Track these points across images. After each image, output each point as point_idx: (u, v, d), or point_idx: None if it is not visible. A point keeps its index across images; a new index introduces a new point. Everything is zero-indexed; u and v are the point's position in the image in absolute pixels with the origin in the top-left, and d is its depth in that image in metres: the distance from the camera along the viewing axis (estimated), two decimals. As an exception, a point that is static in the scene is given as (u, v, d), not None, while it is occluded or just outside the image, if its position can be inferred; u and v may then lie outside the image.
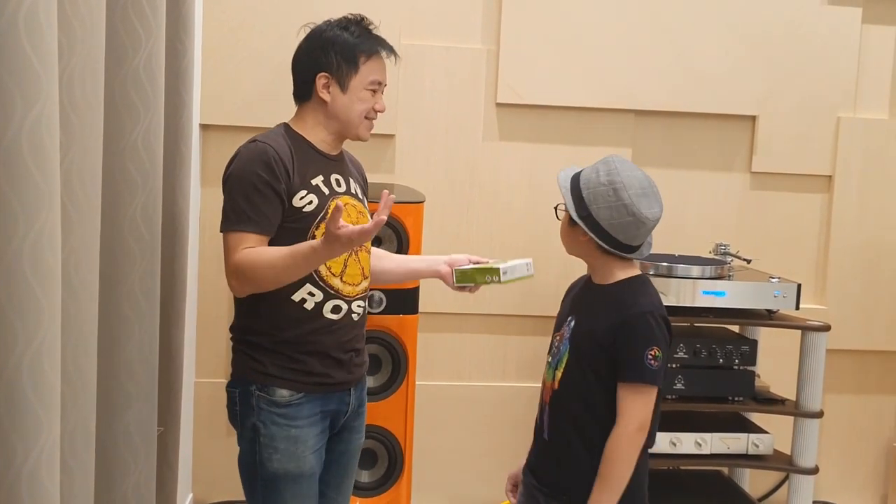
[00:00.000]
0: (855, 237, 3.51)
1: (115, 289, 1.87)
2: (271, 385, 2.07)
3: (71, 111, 1.51)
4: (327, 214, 1.99)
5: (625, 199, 1.92)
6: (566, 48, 3.31)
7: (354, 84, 2.14)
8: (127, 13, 1.79)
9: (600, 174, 1.97)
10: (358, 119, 2.16)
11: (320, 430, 2.13)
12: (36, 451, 1.30)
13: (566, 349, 2.02)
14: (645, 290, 2.00)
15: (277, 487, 2.08)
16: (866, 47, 3.47)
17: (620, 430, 1.91)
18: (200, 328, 3.32)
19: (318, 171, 2.11)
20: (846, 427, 3.62)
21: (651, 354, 1.90)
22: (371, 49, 2.17)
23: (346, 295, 2.13)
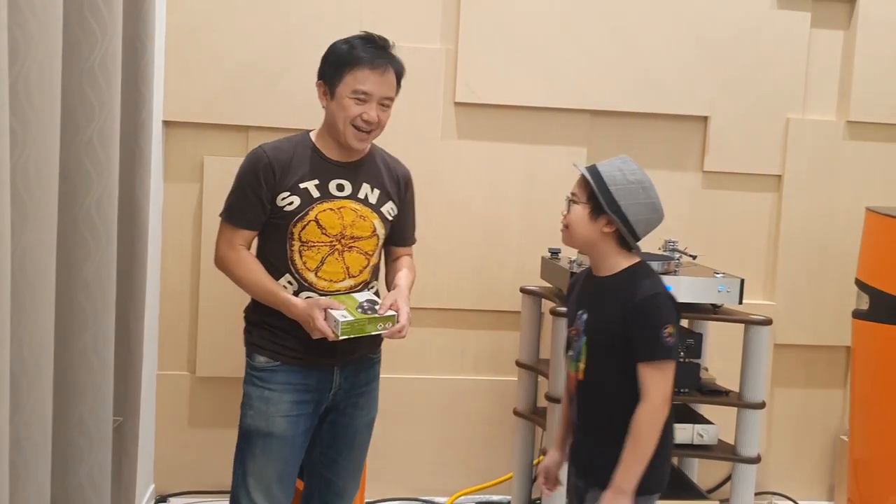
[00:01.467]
0: (803, 235, 3.62)
1: (70, 280, 1.91)
2: (254, 352, 2.39)
3: (27, 107, 1.56)
4: (307, 215, 2.30)
5: (653, 197, 2.10)
6: (523, 49, 3.39)
7: (339, 92, 2.32)
8: (83, 12, 1.84)
9: (626, 173, 2.10)
10: (342, 126, 2.33)
11: (295, 400, 2.34)
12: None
13: (583, 341, 2.13)
14: (648, 273, 2.13)
15: (250, 442, 2.37)
16: (815, 50, 3.58)
17: (647, 405, 2.02)
18: (163, 321, 3.36)
19: (315, 176, 2.33)
20: (794, 420, 3.73)
21: (666, 332, 2.02)
22: (357, 60, 2.30)
23: (321, 289, 2.32)
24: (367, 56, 2.30)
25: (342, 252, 2.34)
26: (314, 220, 2.30)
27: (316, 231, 2.30)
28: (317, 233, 2.31)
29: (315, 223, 2.30)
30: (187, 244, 3.36)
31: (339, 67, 2.32)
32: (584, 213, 2.12)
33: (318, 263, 2.32)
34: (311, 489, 2.56)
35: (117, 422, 2.39)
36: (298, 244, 2.31)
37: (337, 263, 2.34)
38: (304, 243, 2.31)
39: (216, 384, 3.39)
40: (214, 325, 3.34)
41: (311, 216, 2.30)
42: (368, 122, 2.31)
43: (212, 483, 3.42)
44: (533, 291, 3.26)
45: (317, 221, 2.30)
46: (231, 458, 3.37)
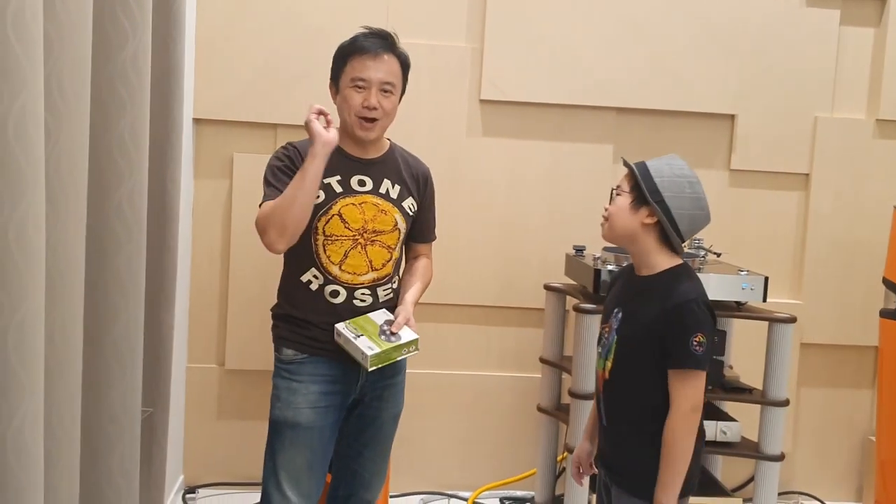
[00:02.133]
0: (830, 234, 3.59)
1: (101, 272, 1.97)
2: (281, 345, 2.43)
3: (60, 101, 1.61)
4: (331, 209, 2.34)
5: (699, 193, 2.06)
6: (549, 46, 3.40)
7: (342, 85, 2.38)
8: (115, 10, 1.89)
9: (673, 167, 2.08)
10: (349, 117, 2.37)
11: (321, 391, 2.38)
12: (20, 415, 1.40)
13: (614, 339, 2.11)
14: (688, 278, 2.07)
15: (279, 432, 2.41)
16: (844, 48, 3.55)
17: (675, 415, 2.00)
18: (192, 315, 3.42)
19: (337, 171, 2.36)
20: (822, 420, 3.71)
21: (696, 340, 1.97)
22: (353, 50, 2.36)
23: (346, 282, 2.37)
24: (364, 45, 2.35)
25: (364, 246, 2.38)
26: (337, 214, 2.35)
27: (339, 225, 2.35)
28: (340, 227, 2.35)
29: (338, 217, 2.35)
30: (217, 239, 3.42)
31: (339, 61, 2.39)
32: (626, 202, 2.08)
33: (341, 257, 2.36)
34: (337, 480, 2.59)
35: (147, 413, 2.44)
36: (323, 238, 2.35)
37: (360, 257, 2.38)
38: (328, 237, 2.35)
39: (244, 377, 3.45)
40: (243, 318, 3.40)
41: (335, 210, 2.35)
42: (369, 107, 2.33)
43: (240, 475, 3.48)
44: (557, 288, 3.28)
45: (340, 215, 2.35)
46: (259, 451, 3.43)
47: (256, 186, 3.37)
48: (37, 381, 1.45)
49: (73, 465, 1.79)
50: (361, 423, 2.50)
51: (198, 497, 3.42)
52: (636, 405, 2.08)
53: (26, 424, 1.42)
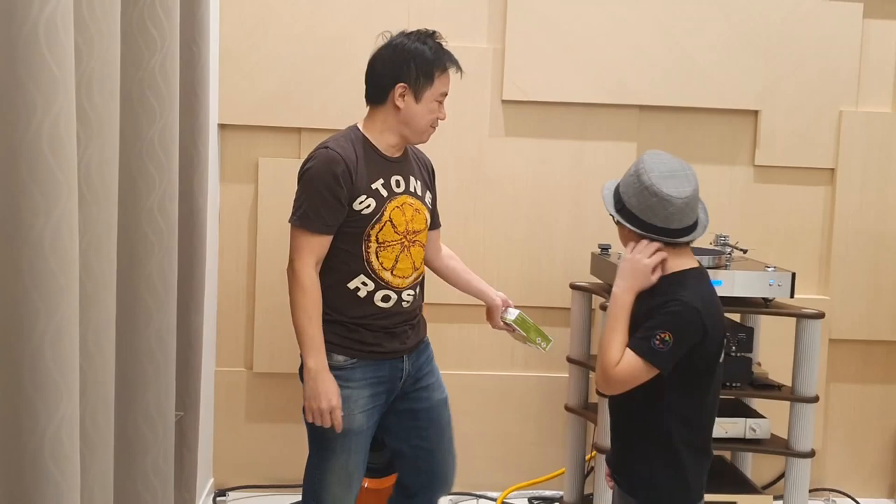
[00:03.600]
0: (857, 229, 3.57)
1: (134, 277, 2.00)
2: (331, 351, 2.36)
3: (90, 109, 1.64)
4: (382, 215, 2.34)
5: (645, 181, 1.98)
6: (570, 45, 3.41)
7: (427, 95, 2.39)
8: (142, 18, 1.92)
9: (630, 169, 2.07)
10: (425, 127, 2.42)
11: (371, 394, 2.40)
12: (58, 417, 1.43)
13: None
14: (690, 282, 2.01)
15: (329, 440, 2.38)
16: (868, 41, 3.52)
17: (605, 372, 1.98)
18: (220, 319, 3.45)
19: (380, 174, 2.37)
20: (852, 416, 3.68)
21: (661, 336, 1.92)
22: (444, 65, 2.41)
23: (396, 286, 2.40)
24: (447, 59, 2.42)
25: (409, 248, 2.42)
26: (389, 221, 2.36)
27: (390, 231, 2.36)
28: (391, 232, 2.36)
29: (389, 223, 2.36)
30: (243, 243, 3.45)
31: (429, 72, 2.37)
32: (620, 231, 2.11)
33: (393, 262, 2.38)
34: (413, 487, 2.57)
35: (178, 416, 2.46)
36: (375, 245, 2.35)
37: (407, 259, 2.41)
38: (381, 244, 2.36)
39: (272, 380, 3.47)
40: (270, 322, 3.43)
41: (386, 216, 2.36)
42: (442, 119, 2.44)
43: (269, 477, 3.51)
44: (583, 287, 3.28)
45: (391, 221, 2.36)
46: (287, 453, 3.46)
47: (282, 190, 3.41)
48: (73, 385, 1.47)
49: (107, 468, 1.81)
50: (417, 420, 2.51)
51: (228, 499, 3.45)
52: (631, 400, 2.05)
53: (63, 428, 1.44)
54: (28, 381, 1.40)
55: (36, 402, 1.41)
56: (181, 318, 2.41)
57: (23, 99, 1.34)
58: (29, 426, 1.40)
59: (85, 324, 1.64)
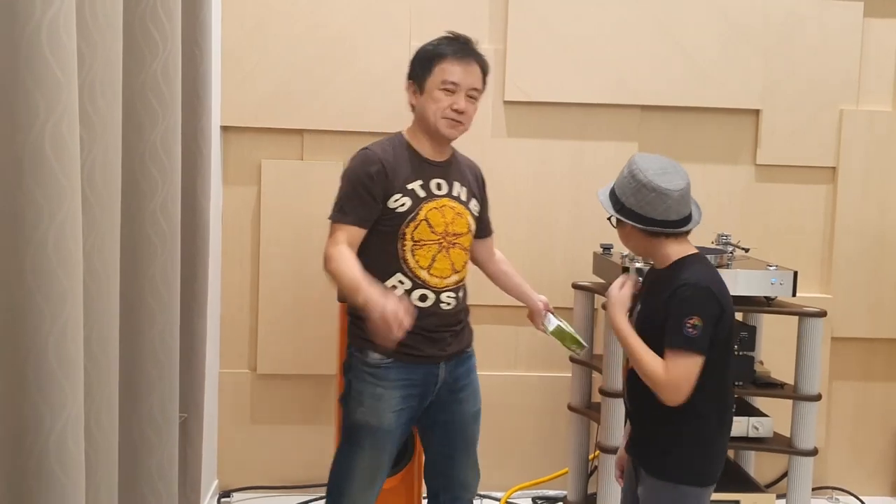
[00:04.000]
0: (859, 227, 3.57)
1: (137, 279, 2.00)
2: (367, 348, 2.40)
3: (93, 112, 1.65)
4: (418, 214, 2.37)
5: (641, 178, 2.07)
6: (571, 46, 3.41)
7: (429, 85, 2.41)
8: (144, 21, 1.93)
9: (623, 170, 2.14)
10: (434, 117, 2.40)
11: (403, 395, 2.41)
12: (62, 420, 1.44)
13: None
14: (694, 265, 2.11)
15: (359, 436, 2.43)
16: (868, 40, 3.53)
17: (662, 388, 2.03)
18: (224, 320, 3.46)
19: (418, 176, 2.40)
20: (855, 414, 3.69)
21: (690, 322, 1.99)
22: (443, 53, 2.41)
23: (434, 286, 2.41)
24: (452, 49, 2.41)
25: (448, 249, 2.43)
26: (425, 220, 2.39)
27: (426, 230, 2.39)
28: (427, 231, 2.39)
29: (426, 222, 2.39)
30: (246, 245, 3.45)
31: (427, 62, 2.42)
32: (621, 231, 2.18)
33: (429, 261, 2.40)
34: (435, 489, 2.64)
35: (182, 418, 2.47)
36: (411, 244, 2.38)
37: (445, 260, 2.42)
38: (416, 242, 2.38)
39: (276, 382, 3.48)
40: (274, 324, 3.44)
41: (422, 216, 2.38)
42: (458, 110, 2.39)
43: (273, 478, 3.51)
44: (585, 287, 3.28)
45: (427, 221, 2.39)
46: (291, 454, 3.47)
47: (285, 192, 3.42)
48: (77, 387, 1.48)
49: (112, 469, 1.82)
50: (447, 429, 2.54)
51: (232, 500, 3.46)
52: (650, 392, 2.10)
53: (69, 430, 1.45)
54: (33, 383, 1.41)
55: (40, 403, 1.41)
56: (185, 321, 2.42)
57: (26, 102, 1.35)
58: (34, 428, 1.41)
59: (89, 326, 1.65)
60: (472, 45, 2.46)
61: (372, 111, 3.38)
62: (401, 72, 3.35)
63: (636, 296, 2.24)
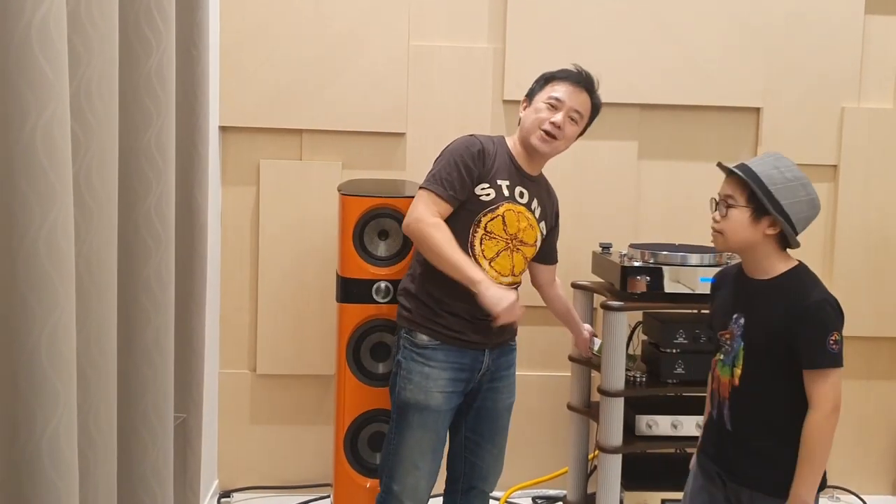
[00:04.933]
0: (861, 225, 3.56)
1: (131, 280, 1.99)
2: (415, 330, 2.51)
3: (89, 113, 1.64)
4: (498, 209, 2.47)
5: (812, 193, 2.06)
6: (571, 44, 3.40)
7: (537, 98, 2.57)
8: (138, 21, 1.92)
9: (783, 171, 2.06)
10: (531, 126, 2.52)
11: (451, 377, 2.50)
12: (55, 420, 1.43)
13: (740, 346, 2.11)
14: (813, 279, 2.09)
15: (407, 414, 2.51)
16: (870, 38, 3.52)
17: (818, 415, 2.01)
18: (223, 321, 3.46)
19: (509, 177, 2.52)
20: (856, 413, 3.67)
21: (833, 339, 2.00)
22: (560, 75, 2.58)
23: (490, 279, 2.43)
24: (569, 75, 2.56)
25: (513, 251, 2.52)
26: (502, 216, 2.48)
27: (500, 226, 2.48)
28: (500, 227, 2.48)
29: (502, 219, 2.48)
30: (246, 245, 3.45)
31: (543, 81, 2.58)
32: (745, 216, 2.07)
33: (494, 255, 2.49)
34: (455, 473, 2.70)
35: (181, 418, 2.47)
36: (482, 232, 2.48)
37: (507, 260, 2.51)
38: (487, 233, 2.48)
39: (276, 382, 3.48)
40: (273, 324, 3.43)
41: (501, 211, 2.48)
42: (554, 124, 2.48)
43: (274, 478, 3.51)
44: (584, 286, 3.27)
45: (503, 218, 2.48)
46: (291, 454, 3.48)
47: (284, 192, 3.42)
48: (70, 388, 1.48)
49: (110, 470, 1.82)
50: (479, 415, 2.62)
51: (233, 500, 3.46)
52: (769, 408, 2.08)
53: (61, 430, 1.45)
54: (25, 385, 1.40)
55: (33, 405, 1.41)
56: (183, 321, 2.41)
57: (16, 101, 1.35)
58: (26, 429, 1.41)
59: (87, 327, 1.65)
60: (591, 81, 2.58)
61: (371, 111, 3.38)
62: (401, 71, 3.37)
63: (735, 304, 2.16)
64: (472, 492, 2.68)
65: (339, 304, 2.95)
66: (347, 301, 2.91)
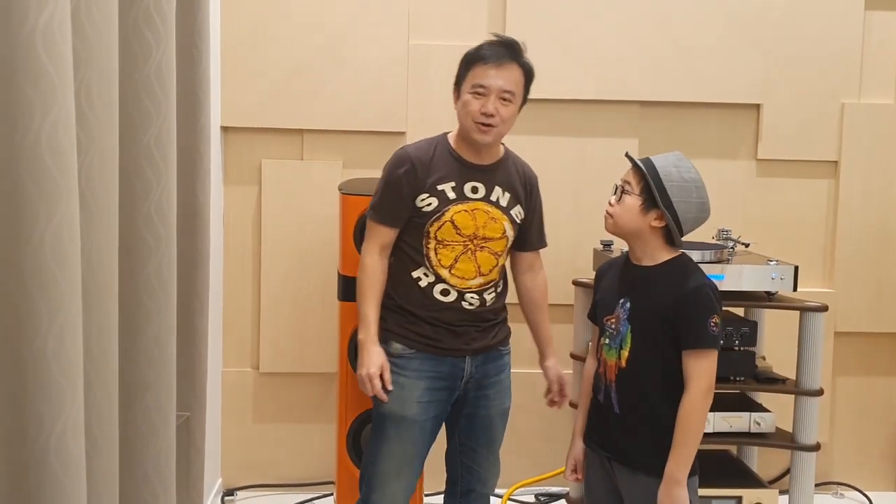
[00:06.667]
0: (861, 221, 3.56)
1: (133, 279, 2.00)
2: (390, 339, 2.47)
3: (89, 113, 1.65)
4: (443, 215, 2.39)
5: (704, 198, 2.15)
6: (570, 42, 3.41)
7: (463, 90, 2.42)
8: (137, 22, 1.93)
9: (681, 170, 2.15)
10: (466, 122, 2.41)
11: (428, 386, 2.44)
12: (62, 419, 1.44)
13: (627, 329, 2.17)
14: (693, 265, 2.19)
15: (385, 425, 2.47)
16: (870, 33, 3.52)
17: (692, 395, 2.07)
18: (226, 320, 3.47)
19: (451, 178, 2.42)
20: (859, 409, 3.68)
21: (713, 322, 2.06)
22: (478, 58, 2.40)
23: (454, 285, 2.44)
24: (487, 53, 2.39)
25: (474, 252, 2.44)
26: (450, 221, 2.41)
27: (451, 231, 2.41)
28: (452, 233, 2.41)
29: (451, 224, 2.41)
30: (248, 244, 3.46)
31: (464, 67, 2.43)
32: (636, 204, 2.16)
33: (451, 261, 2.43)
34: (455, 476, 2.67)
35: (184, 417, 2.48)
36: (434, 242, 2.42)
37: (469, 262, 2.43)
38: (439, 241, 2.42)
39: (279, 380, 3.49)
40: (276, 322, 3.44)
41: (448, 217, 2.41)
42: (486, 114, 2.36)
43: (277, 476, 3.53)
44: (586, 284, 3.27)
45: (452, 222, 2.41)
46: (294, 452, 3.49)
47: (285, 192, 3.43)
48: (77, 388, 1.49)
49: (112, 468, 1.83)
50: (472, 422, 2.57)
51: (236, 499, 3.47)
52: (655, 390, 2.13)
53: (68, 430, 1.46)
54: (32, 385, 1.41)
55: (40, 405, 1.42)
56: (185, 320, 2.42)
57: (22, 104, 1.35)
58: (34, 429, 1.42)
59: (89, 327, 1.66)
60: (515, 48, 2.43)
61: (371, 110, 3.39)
62: (400, 71, 3.38)
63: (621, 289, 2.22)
64: (471, 494, 2.66)
65: (340, 302, 2.96)
66: (349, 299, 2.92)
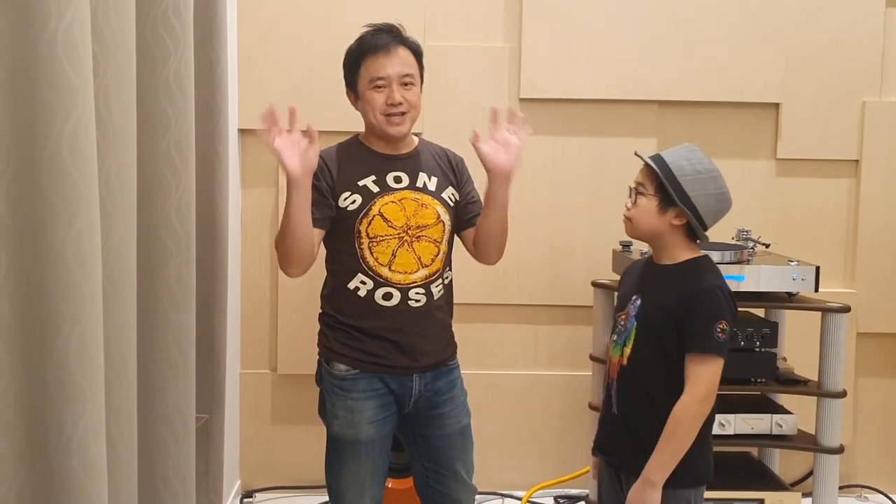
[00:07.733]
0: (884, 220, 3.52)
1: (152, 282, 2.01)
2: (332, 359, 2.37)
3: (107, 117, 1.66)
4: (370, 210, 2.31)
5: (722, 187, 2.08)
6: (587, 42, 3.40)
7: (361, 89, 2.37)
8: (156, 26, 1.93)
9: (693, 162, 2.09)
10: (374, 119, 2.37)
11: (379, 404, 2.35)
12: (84, 422, 1.45)
13: (633, 326, 2.12)
14: (711, 268, 2.12)
15: (340, 448, 2.38)
16: (891, 29, 3.48)
17: (687, 399, 2.00)
18: (244, 322, 3.48)
19: (371, 172, 2.36)
20: (883, 411, 3.63)
21: (719, 327, 1.99)
22: (365, 51, 2.36)
23: (398, 283, 2.34)
24: (374, 43, 2.35)
25: (411, 243, 2.35)
26: (378, 215, 2.33)
27: (382, 225, 2.33)
28: (383, 226, 2.33)
29: (380, 217, 2.33)
30: (266, 246, 3.47)
31: (353, 66, 2.38)
32: (652, 205, 2.11)
33: (389, 257, 2.33)
34: (425, 501, 2.55)
35: (203, 419, 2.48)
36: (367, 241, 2.33)
37: (408, 255, 2.34)
38: (372, 239, 2.33)
39: (297, 381, 3.49)
40: (293, 324, 3.45)
41: (375, 210, 2.33)
42: (394, 104, 2.32)
43: (295, 478, 3.53)
44: (605, 285, 3.25)
45: (381, 215, 2.33)
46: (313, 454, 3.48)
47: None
48: (98, 390, 1.49)
49: (131, 470, 1.83)
50: (429, 444, 2.47)
51: (255, 501, 3.48)
52: (656, 391, 2.07)
53: (90, 432, 1.46)
54: (54, 387, 1.42)
55: (62, 407, 1.42)
56: (204, 322, 2.43)
57: (43, 108, 1.36)
58: (56, 431, 1.42)
59: (107, 329, 1.66)
60: (395, 31, 2.38)
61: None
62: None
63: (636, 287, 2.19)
64: None
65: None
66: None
